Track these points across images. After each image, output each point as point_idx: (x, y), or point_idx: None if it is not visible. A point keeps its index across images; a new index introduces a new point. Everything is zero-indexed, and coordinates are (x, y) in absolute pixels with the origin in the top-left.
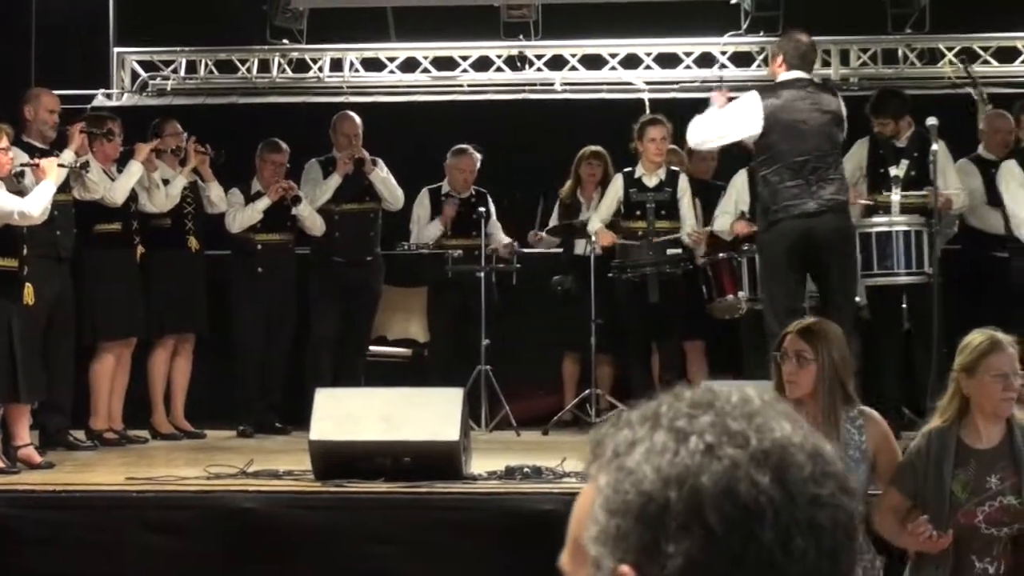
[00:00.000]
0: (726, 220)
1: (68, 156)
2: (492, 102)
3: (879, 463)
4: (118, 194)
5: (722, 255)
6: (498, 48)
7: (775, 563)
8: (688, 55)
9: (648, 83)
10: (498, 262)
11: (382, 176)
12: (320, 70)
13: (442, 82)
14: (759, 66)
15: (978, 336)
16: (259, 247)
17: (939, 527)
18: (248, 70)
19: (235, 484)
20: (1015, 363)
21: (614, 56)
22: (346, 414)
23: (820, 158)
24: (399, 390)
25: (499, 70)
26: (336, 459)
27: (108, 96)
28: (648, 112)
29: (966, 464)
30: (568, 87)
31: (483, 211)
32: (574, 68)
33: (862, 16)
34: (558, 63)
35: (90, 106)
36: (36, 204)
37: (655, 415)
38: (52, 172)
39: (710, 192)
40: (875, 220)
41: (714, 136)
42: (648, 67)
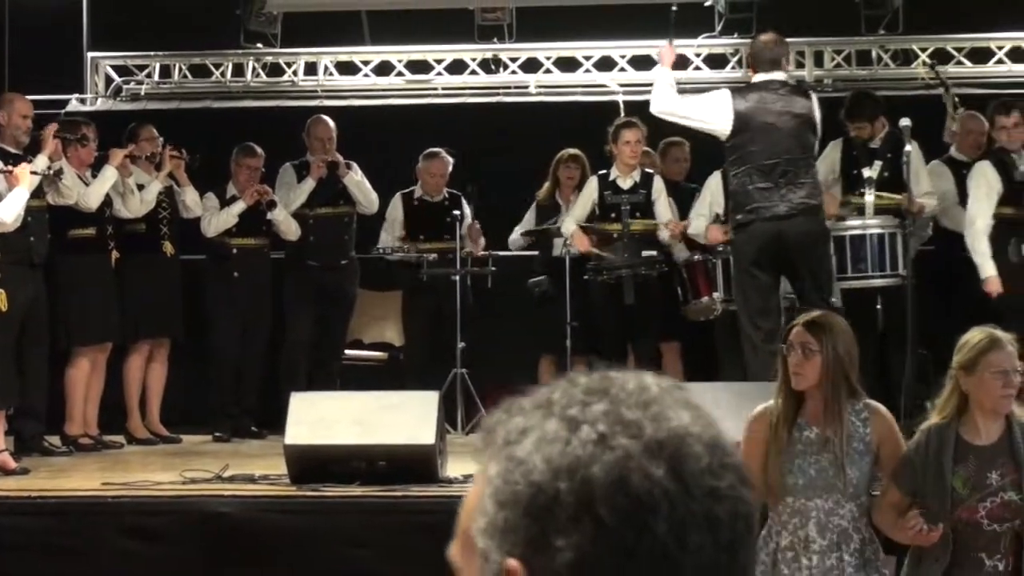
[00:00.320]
0: (701, 223)
1: (41, 162)
2: (466, 105)
3: (883, 456)
4: (92, 199)
5: (697, 257)
6: (472, 51)
7: (669, 556)
8: None
9: (622, 85)
10: (473, 265)
11: (356, 180)
12: (294, 74)
13: (416, 85)
14: (733, 68)
15: (977, 334)
16: (234, 251)
17: (941, 522)
18: (222, 74)
19: (211, 489)
20: (1015, 360)
21: (588, 58)
22: (321, 418)
23: (790, 161)
24: (374, 394)
25: (473, 73)
26: (311, 463)
27: (82, 101)
28: (623, 114)
29: (966, 460)
30: (542, 90)
31: (457, 214)
32: (548, 71)
33: (836, 17)
34: (532, 66)
35: (64, 111)
36: (8, 211)
37: (548, 402)
38: (25, 179)
39: (683, 194)
40: (849, 223)
41: (678, 113)
42: (622, 69)
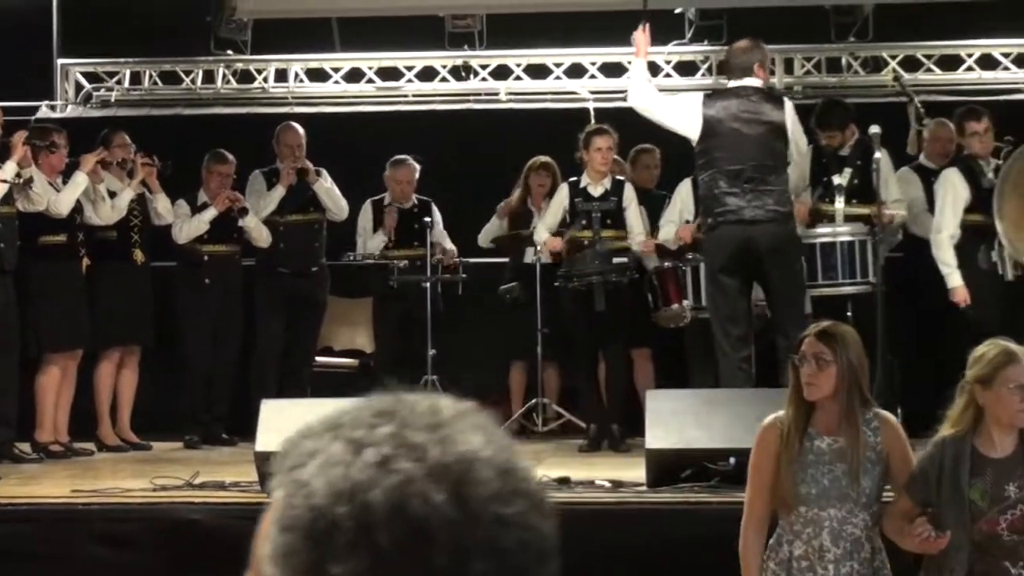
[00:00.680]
0: (671, 229)
1: (10, 169)
2: (437, 112)
3: (893, 465)
4: (63, 205)
5: (667, 264)
6: (443, 58)
7: None
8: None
9: (593, 92)
10: (444, 272)
11: (326, 187)
12: (265, 81)
13: (387, 92)
14: (703, 75)
15: (992, 348)
16: (205, 258)
17: (959, 535)
18: (192, 81)
19: (181, 496)
20: None
21: (559, 65)
22: (292, 425)
23: (756, 168)
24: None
25: (444, 80)
26: None
27: (52, 108)
28: (593, 121)
29: (983, 473)
30: (513, 97)
31: (427, 221)
32: (519, 78)
33: (806, 25)
34: (503, 73)
35: (34, 118)
36: None
37: (337, 424)
38: None
39: (653, 201)
40: (819, 230)
41: (651, 110)
42: (593, 76)
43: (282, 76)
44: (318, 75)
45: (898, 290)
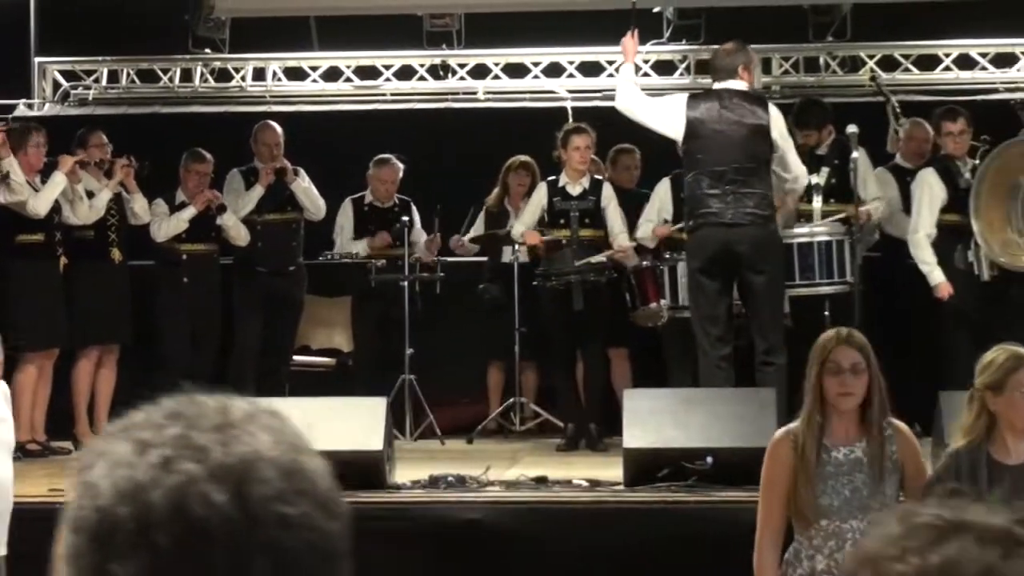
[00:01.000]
0: (649, 228)
1: None
2: (415, 111)
3: (906, 475)
4: (41, 205)
5: (645, 263)
6: (421, 57)
7: None
8: (611, 63)
9: (571, 91)
10: (422, 271)
11: (303, 186)
12: (243, 79)
13: (365, 91)
14: (681, 75)
15: (1001, 353)
16: (184, 257)
17: None
18: (170, 79)
19: None
20: None
21: (537, 65)
22: None
23: (738, 171)
24: (322, 400)
25: (422, 79)
26: None
27: (29, 106)
28: (571, 120)
29: (1001, 481)
30: (491, 96)
31: (407, 220)
32: (497, 77)
33: (784, 24)
34: (481, 72)
35: (11, 116)
36: None
37: (129, 425)
38: None
39: (632, 200)
40: (796, 230)
41: (637, 113)
42: (571, 75)
43: (260, 75)
44: (296, 74)
45: (875, 290)
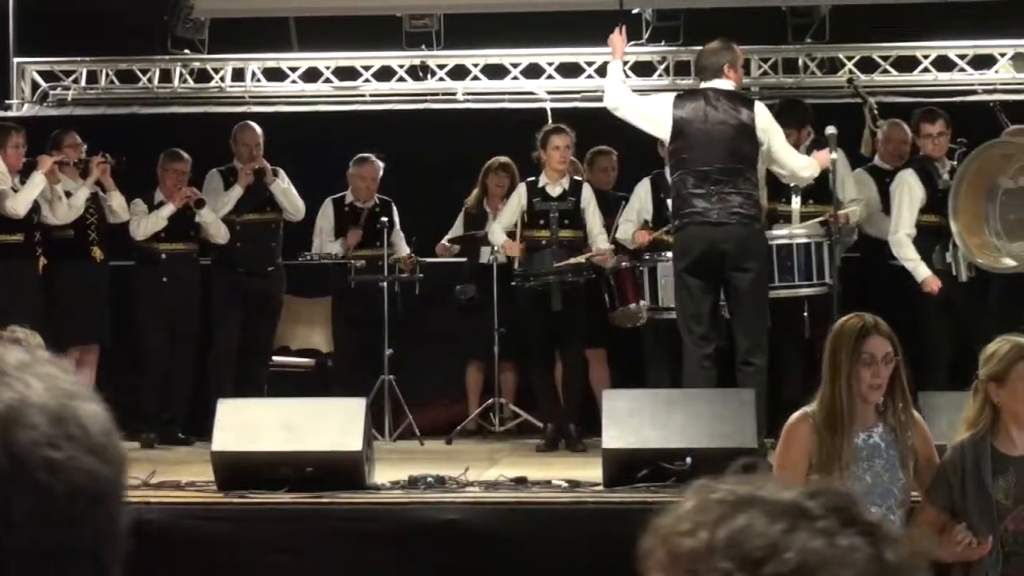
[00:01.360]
0: (629, 228)
1: None
2: (394, 112)
3: (919, 464)
4: (20, 205)
5: (625, 264)
6: (400, 58)
7: None
8: (590, 64)
9: (550, 93)
10: (401, 272)
11: (283, 187)
12: (222, 80)
13: (344, 92)
14: (660, 76)
15: (1004, 344)
16: (163, 257)
17: (986, 535)
18: (149, 80)
19: (137, 495)
20: None
21: (516, 66)
22: (249, 424)
23: (723, 171)
24: (301, 400)
25: (401, 80)
26: (239, 469)
27: (8, 107)
28: (550, 121)
29: (1005, 472)
30: (470, 97)
31: (386, 220)
32: (476, 78)
33: (762, 26)
34: (460, 73)
35: None
36: None
37: None
38: None
39: (610, 202)
40: (775, 232)
41: (626, 112)
42: (550, 77)
43: (239, 75)
44: (275, 74)
45: (854, 291)
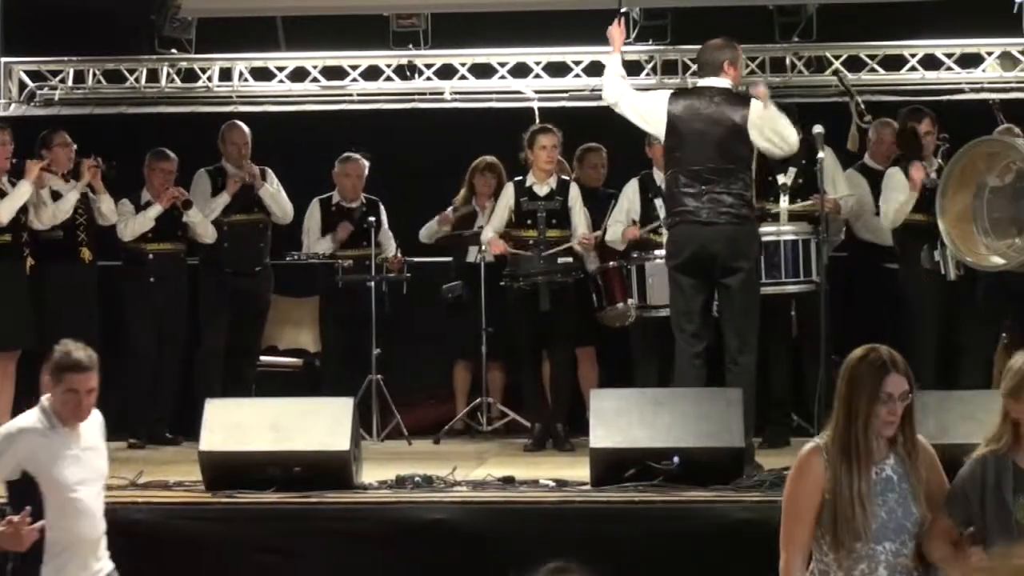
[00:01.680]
0: (618, 229)
1: None
2: (382, 111)
3: (929, 491)
4: (3, 213)
5: (612, 263)
6: (387, 57)
7: None
8: (577, 64)
9: (537, 92)
10: (388, 271)
11: (271, 191)
12: (209, 80)
13: (332, 91)
14: (648, 75)
15: (1020, 358)
16: (150, 257)
17: None
18: (136, 80)
19: (125, 495)
20: None
21: (503, 65)
22: (236, 424)
23: (714, 171)
24: (289, 400)
25: (388, 79)
26: (226, 470)
27: None
28: (538, 121)
29: None
30: (458, 96)
31: (374, 220)
32: (464, 77)
33: (749, 25)
34: (448, 72)
35: None
36: None
37: None
38: None
39: (599, 201)
40: (763, 229)
41: (623, 108)
42: (537, 76)
43: (226, 75)
44: (263, 74)
45: (842, 290)
